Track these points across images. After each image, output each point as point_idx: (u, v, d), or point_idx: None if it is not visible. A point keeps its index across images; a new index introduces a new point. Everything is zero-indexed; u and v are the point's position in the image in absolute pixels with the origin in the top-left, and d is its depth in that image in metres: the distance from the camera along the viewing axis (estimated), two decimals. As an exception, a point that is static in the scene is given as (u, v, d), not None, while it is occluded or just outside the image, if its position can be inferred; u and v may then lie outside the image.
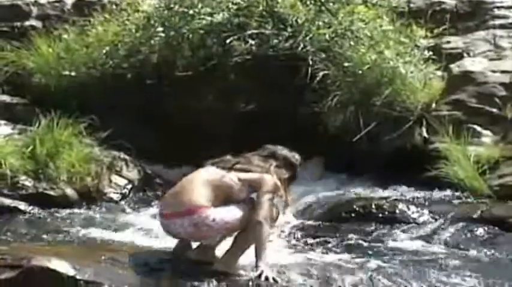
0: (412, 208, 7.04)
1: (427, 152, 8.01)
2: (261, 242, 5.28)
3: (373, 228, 6.76)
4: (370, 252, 6.15)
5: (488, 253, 6.19)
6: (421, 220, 6.89)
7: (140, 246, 6.05)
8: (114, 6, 10.24)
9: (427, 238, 6.49)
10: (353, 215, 7.07)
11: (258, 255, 5.27)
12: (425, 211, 7.02)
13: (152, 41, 9.39)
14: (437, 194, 7.54)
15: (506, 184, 7.30)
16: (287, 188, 5.68)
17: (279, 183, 5.52)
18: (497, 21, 9.84)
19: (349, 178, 8.50)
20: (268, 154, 5.68)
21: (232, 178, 5.43)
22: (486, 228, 6.58)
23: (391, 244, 6.40)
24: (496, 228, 6.58)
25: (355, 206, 7.14)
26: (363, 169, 8.46)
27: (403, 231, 6.66)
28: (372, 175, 8.34)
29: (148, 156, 8.66)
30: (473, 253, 6.15)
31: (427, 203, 7.28)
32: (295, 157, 5.78)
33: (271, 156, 5.67)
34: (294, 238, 6.74)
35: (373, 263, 5.84)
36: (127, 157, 8.42)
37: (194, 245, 5.57)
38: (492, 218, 6.74)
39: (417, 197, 7.50)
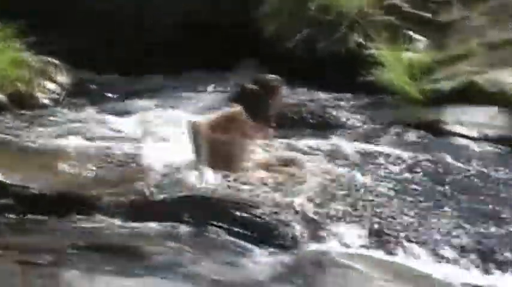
0: (345, 112, 7.08)
1: (362, 58, 8.01)
2: None
3: (305, 133, 6.79)
4: (304, 154, 6.17)
5: (419, 156, 6.23)
6: (353, 124, 6.94)
7: (73, 151, 5.99)
8: None
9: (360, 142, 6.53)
10: (286, 120, 7.07)
11: None
12: (358, 116, 7.07)
13: None
14: (371, 99, 7.59)
15: (438, 89, 7.35)
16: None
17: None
18: None
19: (286, 84, 8.48)
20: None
21: None
22: (417, 132, 6.66)
23: (324, 147, 6.39)
24: (427, 132, 6.66)
25: (287, 112, 7.13)
26: (299, 74, 8.44)
27: (336, 135, 6.68)
28: (308, 80, 8.33)
29: (81, 61, 8.54)
30: (405, 155, 6.19)
31: (360, 108, 7.34)
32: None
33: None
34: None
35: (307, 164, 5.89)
36: (58, 62, 8.28)
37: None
38: (423, 123, 6.82)
39: (351, 102, 7.55)
